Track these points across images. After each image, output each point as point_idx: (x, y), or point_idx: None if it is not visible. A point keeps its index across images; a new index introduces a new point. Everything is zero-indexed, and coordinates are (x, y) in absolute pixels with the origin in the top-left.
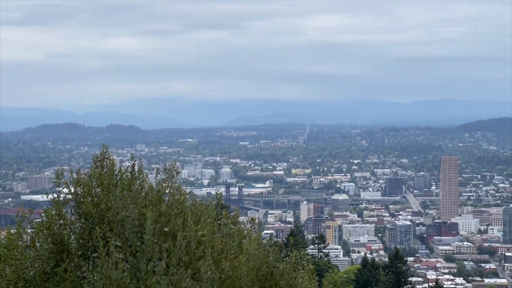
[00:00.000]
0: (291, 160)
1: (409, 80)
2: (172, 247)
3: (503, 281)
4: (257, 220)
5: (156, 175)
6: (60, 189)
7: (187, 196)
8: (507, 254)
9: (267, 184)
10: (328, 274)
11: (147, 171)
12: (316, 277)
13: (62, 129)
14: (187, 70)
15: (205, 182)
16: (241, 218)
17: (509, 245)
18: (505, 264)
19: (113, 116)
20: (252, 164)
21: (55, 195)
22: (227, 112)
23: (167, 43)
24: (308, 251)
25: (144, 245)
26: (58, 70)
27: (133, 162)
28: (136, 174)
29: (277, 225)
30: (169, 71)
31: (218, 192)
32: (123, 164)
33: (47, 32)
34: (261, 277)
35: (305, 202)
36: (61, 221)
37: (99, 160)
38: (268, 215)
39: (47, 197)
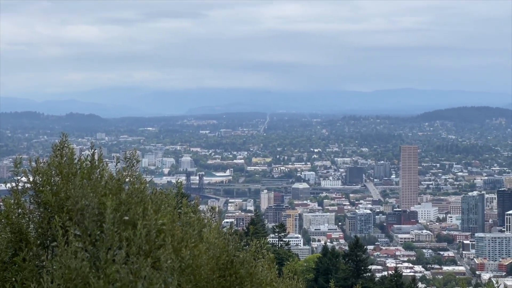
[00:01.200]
0: (251, 149)
1: (369, 69)
2: (132, 236)
3: (461, 268)
4: (217, 209)
5: (116, 164)
6: (19, 178)
7: (147, 184)
8: (465, 242)
9: (228, 172)
10: (288, 262)
11: (107, 159)
12: (276, 266)
13: (20, 118)
14: (147, 58)
15: (166, 170)
16: (202, 207)
17: (467, 233)
18: (463, 252)
19: (73, 105)
20: (213, 153)
21: (14, 184)
22: (188, 100)
23: (127, 31)
24: (268, 239)
25: (103, 234)
26: (17, 58)
27: (93, 150)
28: (96, 163)
29: (237, 213)
30: (130, 60)
31: (179, 181)
32: (82, 152)
33: (5, 20)
34: (221, 266)
35: (265, 191)
36: (20, 210)
37: (59, 149)
38: (229, 204)
39: (5, 186)
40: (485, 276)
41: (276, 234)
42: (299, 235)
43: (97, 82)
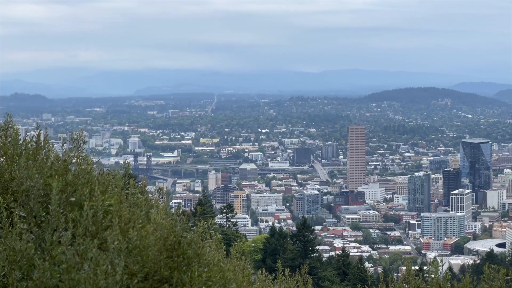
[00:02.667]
0: (199, 130)
1: (317, 50)
2: (79, 217)
3: (407, 248)
4: (165, 190)
5: (63, 145)
6: None
7: (94, 165)
8: (411, 221)
9: (175, 153)
10: (236, 243)
11: (53, 140)
12: (224, 247)
13: None
14: (94, 38)
15: (113, 151)
16: (149, 188)
17: (413, 213)
18: (409, 232)
19: (18, 85)
20: (160, 134)
21: None
22: (135, 81)
23: (74, 11)
24: (216, 220)
25: (49, 216)
26: None
27: (38, 131)
28: (42, 144)
29: (185, 194)
30: (76, 40)
31: (126, 162)
32: (28, 133)
33: None
34: (168, 247)
35: (213, 172)
36: None
37: (3, 130)
38: (176, 185)
39: None
40: (431, 255)
41: (223, 214)
42: (247, 216)
43: (43, 62)
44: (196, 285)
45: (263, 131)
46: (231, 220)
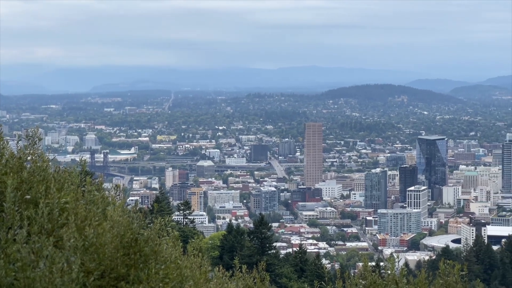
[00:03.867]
0: (156, 127)
1: (274, 47)
2: (34, 215)
3: (364, 244)
4: (121, 187)
5: (18, 142)
6: None
7: (50, 163)
8: (368, 218)
9: (132, 150)
10: (193, 240)
11: (8, 137)
12: (181, 244)
13: None
14: (50, 35)
15: (70, 148)
16: (106, 185)
17: (370, 210)
18: (366, 228)
19: None
20: (117, 131)
21: None
22: (92, 78)
23: (29, 7)
24: (173, 217)
25: (4, 213)
26: None
27: None
28: None
29: (142, 191)
30: (32, 36)
31: (83, 159)
32: None
33: None
34: (125, 244)
35: (170, 169)
36: None
37: None
38: (134, 182)
39: None
40: (387, 251)
41: (181, 211)
42: (204, 213)
43: None
44: (153, 282)
45: (220, 128)
46: (188, 217)
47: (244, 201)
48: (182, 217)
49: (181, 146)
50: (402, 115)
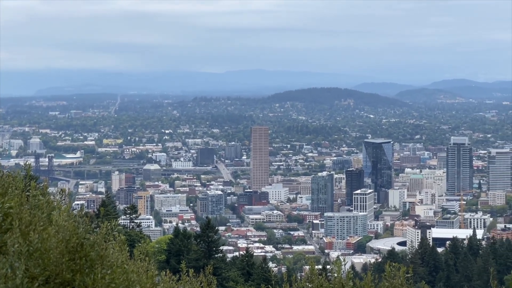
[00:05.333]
0: (102, 130)
1: (220, 51)
2: None
3: (311, 247)
4: (67, 191)
5: None
6: None
7: None
8: (314, 221)
9: (78, 154)
10: (139, 244)
11: None
12: (128, 248)
13: None
14: None
15: (14, 152)
16: (51, 189)
17: (316, 213)
18: (313, 231)
19: None
20: (63, 135)
21: None
22: (36, 81)
23: None
24: (120, 221)
25: None
26: None
27: None
28: None
29: (88, 195)
30: None
31: (27, 163)
32: None
33: None
34: (70, 249)
35: (116, 172)
36: None
37: None
38: (79, 186)
39: None
40: (334, 254)
41: (127, 215)
42: (151, 217)
43: None
44: (99, 287)
45: (167, 131)
46: (135, 221)
47: (191, 204)
48: (128, 221)
49: (127, 150)
50: (348, 119)
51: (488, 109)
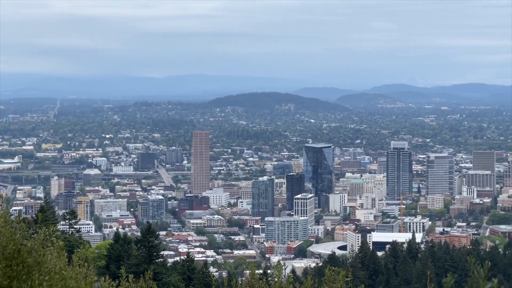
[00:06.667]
0: (41, 135)
1: (161, 55)
2: None
3: (252, 252)
4: (4, 197)
5: None
6: None
7: None
8: (255, 226)
9: (16, 159)
10: (79, 250)
11: None
12: (66, 254)
13: None
14: None
15: None
16: None
17: (257, 217)
18: (254, 236)
19: None
20: (0, 139)
21: None
22: None
23: None
24: (59, 227)
25: None
26: None
27: None
28: None
29: (26, 201)
30: None
31: None
32: None
33: None
34: (7, 255)
35: (56, 178)
36: None
37: None
38: (17, 191)
39: None
40: (275, 258)
41: (66, 221)
42: (91, 222)
43: None
44: None
45: (107, 136)
46: (74, 226)
47: (132, 209)
48: (67, 226)
49: (67, 155)
50: (289, 123)
51: (427, 114)
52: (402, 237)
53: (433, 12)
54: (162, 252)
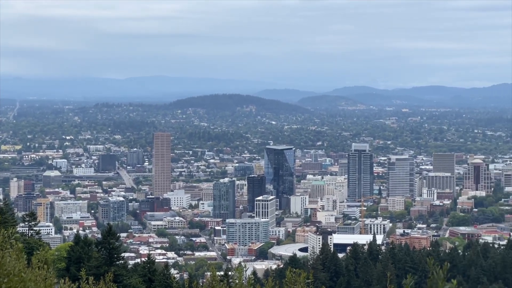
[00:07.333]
0: (0, 136)
1: (122, 57)
2: None
3: (213, 254)
4: None
5: None
6: None
7: None
8: (216, 228)
9: None
10: (38, 252)
11: None
12: (26, 256)
13: None
14: None
15: None
16: None
17: (218, 219)
18: (215, 238)
19: None
20: None
21: None
22: None
23: None
24: (18, 229)
25: None
26: None
27: None
28: None
29: None
30: None
31: None
32: None
33: None
34: None
35: (15, 179)
36: None
37: None
38: None
39: None
40: (236, 260)
41: (26, 223)
42: (51, 224)
43: None
44: None
45: (68, 137)
46: (34, 228)
47: (92, 211)
48: (27, 228)
49: (26, 156)
50: (250, 125)
51: (388, 116)
52: (363, 239)
53: (393, 15)
54: (122, 254)
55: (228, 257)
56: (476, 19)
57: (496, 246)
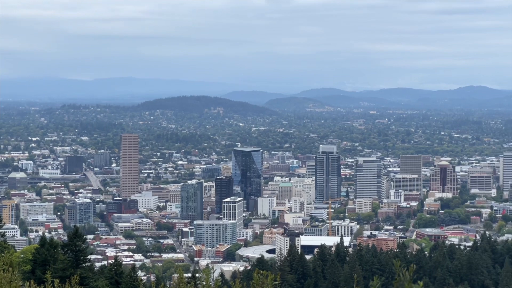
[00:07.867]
0: None
1: (89, 58)
2: None
3: (180, 255)
4: None
5: None
6: None
7: None
8: (184, 229)
9: None
10: (3, 255)
11: None
12: None
13: None
14: None
15: None
16: None
17: (186, 221)
18: (182, 239)
19: None
20: None
21: None
22: None
23: None
24: None
25: None
26: None
27: None
28: None
29: None
30: None
31: None
32: None
33: None
34: None
35: None
36: None
37: None
38: None
39: None
40: (203, 262)
41: None
42: (16, 226)
43: None
44: None
45: (34, 139)
46: None
47: (58, 213)
48: None
49: None
50: (218, 127)
51: (356, 118)
52: (330, 241)
53: (360, 17)
54: (89, 256)
55: (195, 259)
56: (443, 22)
57: (462, 247)
